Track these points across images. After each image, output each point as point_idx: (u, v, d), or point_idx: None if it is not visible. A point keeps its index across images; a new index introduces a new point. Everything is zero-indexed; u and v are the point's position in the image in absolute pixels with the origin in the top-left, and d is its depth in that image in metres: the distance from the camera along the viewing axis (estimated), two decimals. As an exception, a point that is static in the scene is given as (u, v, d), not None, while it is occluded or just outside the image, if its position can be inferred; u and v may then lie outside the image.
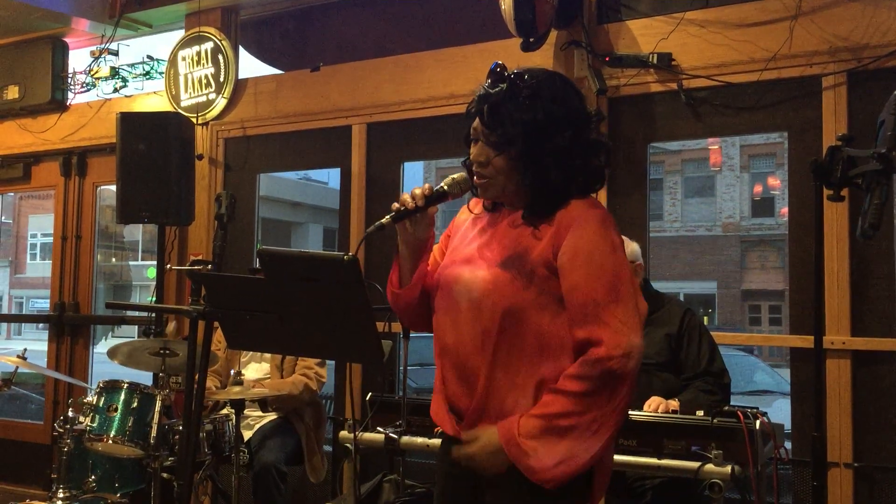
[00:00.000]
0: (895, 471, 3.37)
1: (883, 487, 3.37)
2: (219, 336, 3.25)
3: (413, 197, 1.87)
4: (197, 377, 1.94)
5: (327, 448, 4.18)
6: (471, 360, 1.82)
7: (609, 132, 3.96)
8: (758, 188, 22.71)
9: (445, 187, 1.92)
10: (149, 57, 5.38)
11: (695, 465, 2.55)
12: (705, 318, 23.12)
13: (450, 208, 2.41)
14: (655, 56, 3.80)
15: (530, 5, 3.68)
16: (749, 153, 22.50)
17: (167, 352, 3.43)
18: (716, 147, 22.33)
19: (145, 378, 4.62)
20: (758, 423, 2.58)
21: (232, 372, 3.70)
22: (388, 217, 1.86)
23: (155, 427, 3.32)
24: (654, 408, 2.88)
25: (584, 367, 1.72)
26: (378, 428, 3.08)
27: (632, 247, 3.29)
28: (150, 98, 5.34)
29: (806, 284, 3.50)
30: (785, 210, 5.12)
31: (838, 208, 3.32)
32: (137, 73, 5.36)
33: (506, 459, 1.74)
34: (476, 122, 1.89)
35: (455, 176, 1.93)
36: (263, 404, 3.71)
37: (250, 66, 5.32)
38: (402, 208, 1.86)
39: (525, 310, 1.78)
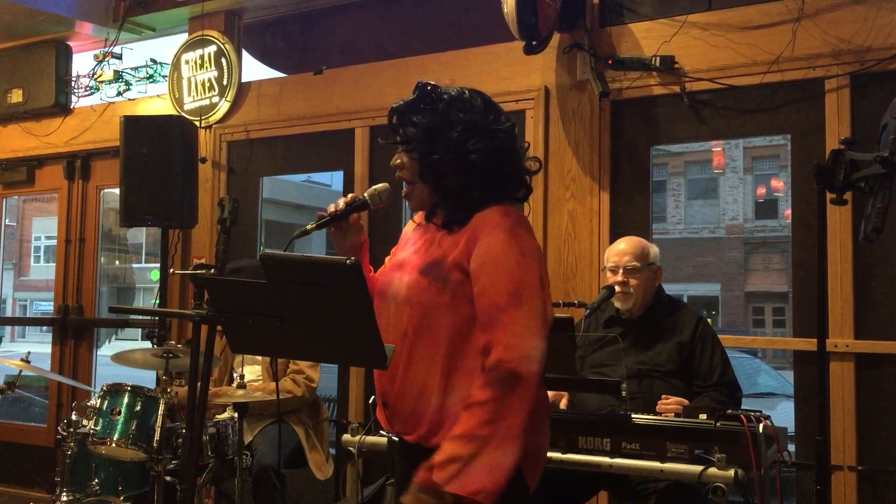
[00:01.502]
0: (899, 474, 3.37)
1: (887, 490, 3.36)
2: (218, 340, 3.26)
3: (335, 205, 2.04)
4: (200, 381, 1.94)
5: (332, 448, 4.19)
6: (394, 358, 1.91)
7: (612, 135, 3.97)
8: (761, 190, 22.69)
9: (366, 197, 2.07)
10: (152, 60, 5.40)
11: (698, 468, 2.54)
12: (709, 319, 23.11)
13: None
14: (658, 59, 3.81)
15: (533, 8, 3.68)
16: (752, 155, 22.49)
17: (170, 354, 3.44)
18: (718, 149, 22.31)
19: (150, 380, 4.63)
20: (761, 426, 2.57)
21: (235, 375, 3.71)
22: (312, 223, 2.03)
23: (158, 430, 3.32)
24: (672, 401, 2.89)
25: (487, 375, 1.78)
26: (381, 431, 3.07)
27: (654, 250, 3.30)
28: (154, 101, 5.35)
29: (809, 287, 3.50)
30: (788, 212, 5.10)
31: (841, 211, 3.31)
32: (141, 76, 5.38)
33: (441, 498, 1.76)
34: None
35: (377, 187, 2.08)
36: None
37: (253, 69, 5.33)
38: (326, 216, 2.04)
39: (439, 312, 1.87)
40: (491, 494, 1.74)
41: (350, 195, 2.06)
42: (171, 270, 4.17)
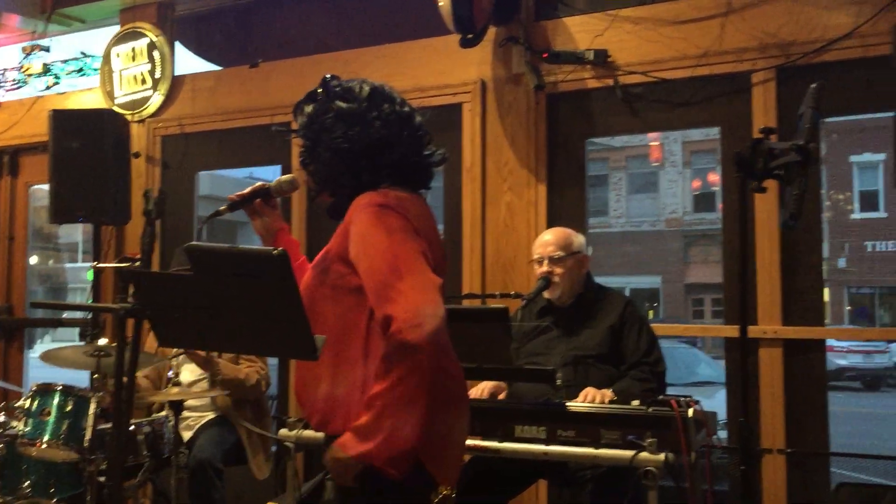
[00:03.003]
0: (826, 456, 3.48)
1: (814, 473, 3.47)
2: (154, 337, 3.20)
3: (241, 193, 2.19)
4: (126, 377, 1.91)
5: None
6: None
7: (547, 127, 4.01)
8: (696, 183, 23.17)
9: (271, 184, 2.20)
10: (82, 53, 5.27)
11: (630, 453, 2.59)
12: (651, 311, 23.51)
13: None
14: (592, 52, 3.86)
15: (468, 2, 3.70)
16: (691, 149, 22.93)
17: (102, 353, 3.36)
18: (656, 143, 22.71)
19: (83, 380, 4.53)
20: (691, 411, 2.63)
21: (170, 373, 3.65)
22: (224, 206, 2.19)
23: (90, 430, 3.24)
24: (591, 398, 2.92)
25: (386, 348, 1.81)
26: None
27: (579, 239, 3.35)
28: (85, 95, 5.23)
29: (739, 276, 3.58)
30: (723, 204, 5.20)
31: (769, 200, 3.39)
32: (71, 69, 5.25)
33: (347, 465, 1.83)
34: None
35: (282, 177, 2.23)
36: (208, 366, 3.64)
37: (189, 62, 5.24)
38: (235, 199, 2.19)
39: (323, 303, 1.93)
40: (376, 459, 1.79)
41: (259, 183, 2.21)
42: (95, 264, 4.07)
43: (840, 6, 3.45)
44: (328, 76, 2.09)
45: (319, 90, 2.06)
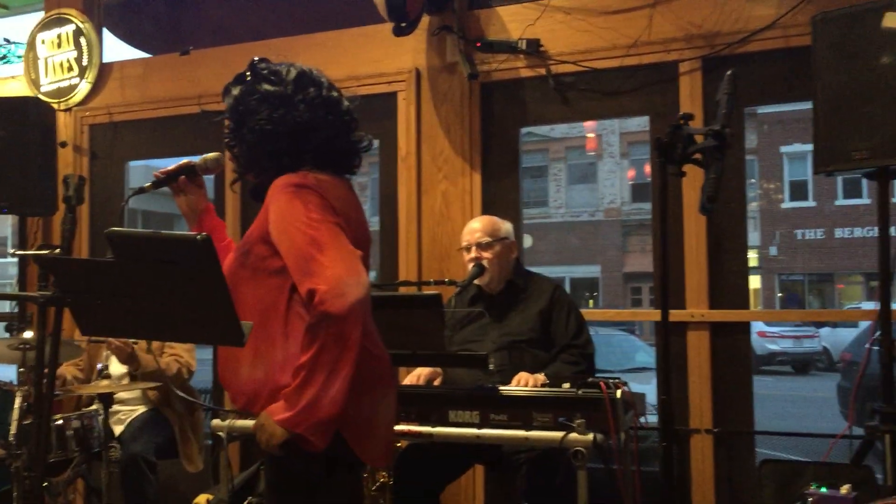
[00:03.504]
0: (750, 435, 3.59)
1: (740, 451, 3.58)
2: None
3: (165, 170, 2.20)
4: (47, 368, 1.87)
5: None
6: None
7: (482, 116, 4.04)
8: (631, 173, 23.55)
9: (197, 162, 2.22)
10: (6, 40, 5.11)
11: (559, 434, 2.64)
12: (591, 301, 23.86)
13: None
14: (524, 42, 3.89)
15: (401, -10, 3.70)
16: (628, 140, 23.29)
17: (27, 346, 3.29)
18: (592, 135, 23.02)
19: (11, 375, 4.41)
20: (619, 392, 2.69)
21: (99, 366, 3.58)
22: (148, 184, 2.21)
23: (15, 425, 3.17)
24: (524, 383, 2.96)
25: (310, 318, 1.84)
26: (222, 409, 3.06)
27: (506, 225, 3.40)
28: (8, 83, 5.07)
29: (669, 261, 3.66)
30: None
31: (697, 187, 3.46)
32: (-7, 56, 5.09)
33: (272, 432, 1.86)
34: None
35: (208, 155, 2.24)
36: (131, 362, 3.59)
37: (117, 49, 5.13)
38: (160, 175, 2.20)
39: (244, 286, 1.95)
40: (298, 426, 1.82)
41: (185, 160, 2.23)
42: (12, 252, 3.97)
43: (763, -2, 3.55)
44: (256, 59, 2.10)
45: (247, 73, 2.07)
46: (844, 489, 2.43)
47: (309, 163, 2.01)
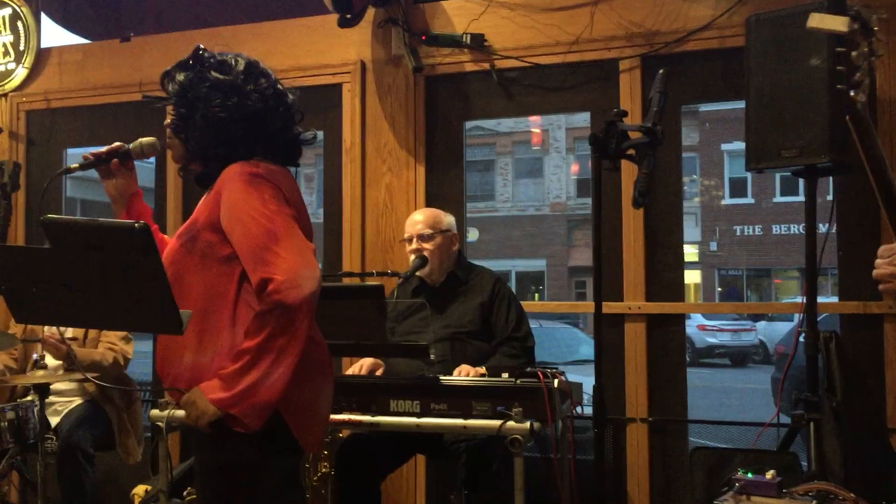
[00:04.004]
0: (684, 423, 3.70)
1: (674, 439, 3.69)
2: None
3: (98, 151, 2.16)
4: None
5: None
6: None
7: (426, 109, 4.07)
8: (574, 168, 23.82)
9: (129, 146, 2.18)
10: (-61, 22, 4.95)
11: (497, 423, 2.69)
12: (536, 294, 24.08)
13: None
14: (469, 36, 3.93)
15: (346, -19, 3.70)
16: (574, 135, 23.51)
17: (-40, 336, 3.22)
18: (537, 130, 23.21)
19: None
20: (556, 381, 2.75)
21: (34, 356, 3.52)
22: (76, 164, 2.16)
23: (-53, 416, 3.11)
24: (464, 374, 3.01)
25: (261, 305, 1.87)
26: (160, 400, 3.05)
27: (448, 218, 3.43)
28: (-59, 67, 4.92)
29: (608, 255, 3.74)
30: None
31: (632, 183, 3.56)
32: (-75, 39, 4.92)
33: (203, 409, 1.87)
34: None
35: (143, 139, 2.19)
36: (70, 362, 3.54)
37: (56, 35, 5.02)
38: (90, 157, 2.15)
39: (189, 273, 1.95)
40: (233, 406, 1.85)
41: (117, 143, 2.18)
42: (-60, 237, 3.88)
43: (700, -1, 3.64)
44: (200, 46, 2.10)
45: (191, 60, 2.06)
46: (769, 474, 2.52)
47: (259, 152, 2.03)
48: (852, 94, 1.52)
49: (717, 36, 3.61)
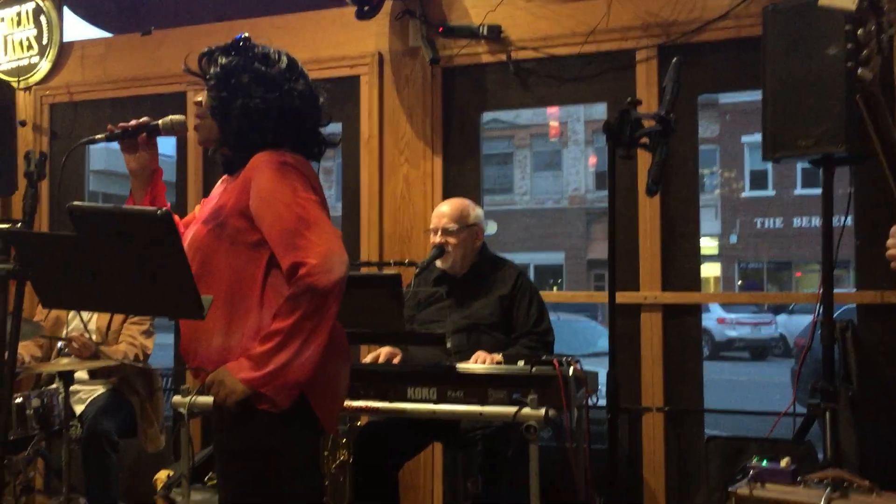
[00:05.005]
0: (698, 413, 3.71)
1: (689, 429, 3.70)
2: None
3: (127, 123, 2.17)
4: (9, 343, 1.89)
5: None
6: None
7: (443, 101, 4.09)
8: (593, 160, 23.74)
9: (160, 122, 2.19)
10: (-37, 17, 5.03)
11: (513, 409, 2.72)
12: (554, 287, 24.06)
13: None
14: (486, 28, 3.94)
15: (363, -26, 3.73)
16: (593, 128, 23.43)
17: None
18: (555, 123, 23.14)
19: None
20: (571, 369, 2.78)
21: (59, 345, 3.59)
22: (101, 135, 2.17)
23: (-26, 402, 3.17)
24: (480, 361, 3.03)
25: (292, 289, 1.93)
26: (182, 386, 3.10)
27: (475, 211, 3.44)
28: (-34, 61, 5.01)
29: (624, 246, 3.76)
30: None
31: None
32: (-50, 33, 5.01)
33: (232, 388, 1.92)
34: None
35: (173, 116, 2.21)
36: (92, 371, 3.60)
37: (78, 28, 5.08)
38: (116, 129, 2.15)
39: (218, 257, 2.00)
40: (264, 386, 1.90)
41: (145, 118, 2.20)
42: (-31, 224, 3.94)
43: (717, -12, 3.64)
44: (245, 34, 2.14)
45: (235, 47, 2.11)
46: (784, 462, 2.53)
47: (287, 145, 2.08)
48: (860, 71, 1.52)
49: (734, 25, 3.60)
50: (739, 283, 23.52)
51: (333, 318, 1.94)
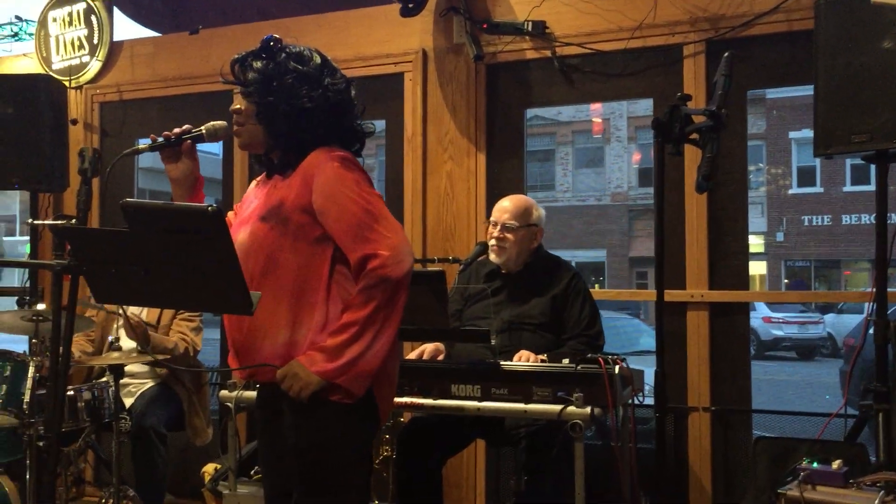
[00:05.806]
0: (746, 413, 3.65)
1: (737, 429, 3.64)
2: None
3: (171, 132, 2.18)
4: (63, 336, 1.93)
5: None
6: None
7: (487, 97, 4.08)
8: (636, 157, 23.51)
9: (203, 129, 2.19)
10: (17, 17, 5.16)
11: (558, 407, 2.70)
12: (596, 285, 23.91)
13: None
14: (530, 24, 3.92)
15: (408, -29, 3.73)
16: (636, 125, 23.22)
17: (40, 318, 3.36)
18: (598, 119, 22.96)
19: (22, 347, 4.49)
20: (617, 368, 2.75)
21: (109, 339, 3.66)
22: (146, 145, 2.18)
23: (28, 395, 3.25)
24: (524, 359, 3.02)
25: (363, 280, 1.96)
26: (228, 381, 3.13)
27: (537, 212, 3.42)
28: (20, 60, 5.13)
29: (670, 243, 3.70)
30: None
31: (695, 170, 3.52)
32: (5, 34, 5.15)
33: (307, 380, 1.96)
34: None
35: (215, 123, 2.21)
36: (145, 343, 3.64)
37: (127, 28, 5.18)
38: (160, 139, 2.17)
39: (282, 253, 2.03)
40: (339, 377, 1.95)
41: (187, 125, 2.22)
42: (30, 221, 4.04)
43: (767, -19, 3.57)
44: (273, 36, 2.17)
45: (266, 50, 2.13)
46: (836, 464, 2.48)
47: (335, 141, 2.12)
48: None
49: (785, 19, 3.53)
50: (786, 281, 23.12)
51: (402, 308, 1.98)
